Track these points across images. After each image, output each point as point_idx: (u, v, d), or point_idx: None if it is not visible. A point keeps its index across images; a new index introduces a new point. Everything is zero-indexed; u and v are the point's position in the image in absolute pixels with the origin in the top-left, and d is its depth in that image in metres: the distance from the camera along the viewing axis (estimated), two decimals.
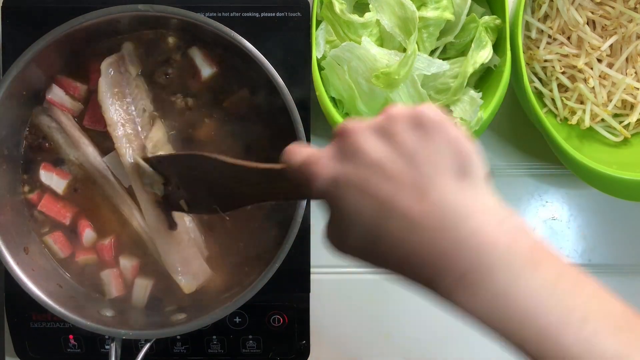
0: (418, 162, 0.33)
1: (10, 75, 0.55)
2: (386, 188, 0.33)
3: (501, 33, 0.57)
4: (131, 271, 0.59)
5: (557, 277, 0.32)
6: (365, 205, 0.34)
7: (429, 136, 0.34)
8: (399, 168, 0.33)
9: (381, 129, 0.34)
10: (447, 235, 0.32)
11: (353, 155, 0.34)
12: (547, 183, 0.66)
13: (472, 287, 0.32)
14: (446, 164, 0.33)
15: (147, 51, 0.59)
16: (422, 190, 0.33)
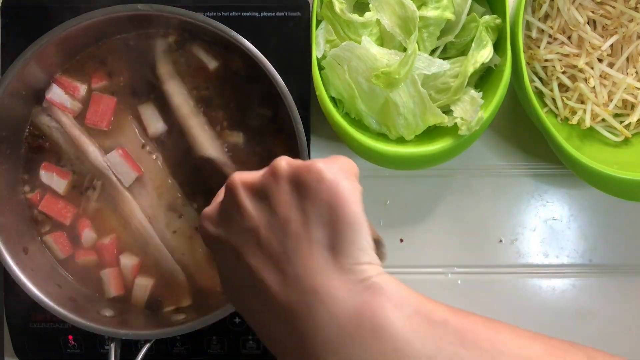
0: (288, 233, 0.31)
1: (9, 74, 0.55)
2: (254, 259, 0.32)
3: (501, 33, 0.57)
4: (131, 271, 0.59)
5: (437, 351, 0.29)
6: (237, 268, 0.33)
7: (306, 202, 0.32)
8: (269, 238, 0.32)
9: (263, 189, 0.33)
10: (302, 320, 0.30)
11: (233, 216, 0.34)
12: (547, 183, 0.66)
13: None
14: (317, 236, 0.31)
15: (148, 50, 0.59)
16: (283, 267, 0.31)
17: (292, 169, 0.33)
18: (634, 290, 0.66)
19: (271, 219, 0.32)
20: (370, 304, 0.30)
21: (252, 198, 0.33)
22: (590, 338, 0.65)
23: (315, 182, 0.32)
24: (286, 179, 0.33)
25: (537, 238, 0.66)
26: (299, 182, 0.32)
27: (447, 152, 0.55)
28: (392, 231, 0.65)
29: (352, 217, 0.32)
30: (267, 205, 0.33)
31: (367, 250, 0.32)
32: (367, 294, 0.31)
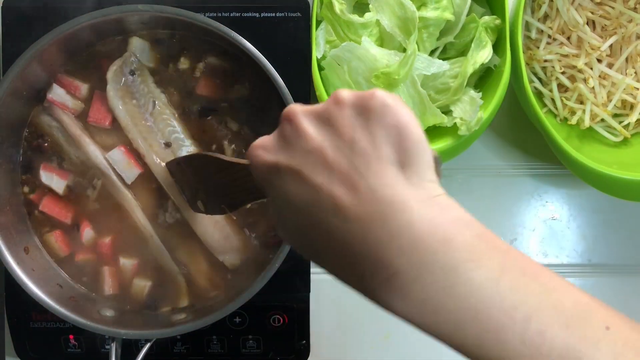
0: (356, 152, 0.32)
1: (10, 74, 0.55)
2: (321, 177, 0.32)
3: (501, 33, 0.57)
4: (131, 270, 0.59)
5: (501, 271, 0.31)
6: (299, 193, 0.33)
7: (372, 123, 0.32)
8: (337, 157, 0.32)
9: (325, 114, 0.33)
10: (377, 229, 0.31)
11: (293, 141, 0.34)
12: (547, 183, 0.66)
13: (402, 289, 0.31)
14: (386, 153, 0.32)
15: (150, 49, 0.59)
16: (355, 180, 0.32)
17: (355, 96, 0.34)
18: (634, 290, 0.66)
19: (337, 141, 0.32)
20: (442, 217, 0.32)
21: (315, 123, 0.34)
22: None
23: (380, 106, 0.33)
24: (350, 105, 0.33)
25: (537, 238, 0.66)
26: (363, 106, 0.33)
27: (446, 152, 0.55)
28: None
29: (417, 137, 0.33)
30: (331, 129, 0.33)
31: (431, 169, 0.34)
32: (437, 208, 0.32)
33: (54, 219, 0.59)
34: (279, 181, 0.34)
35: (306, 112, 0.34)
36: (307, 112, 0.34)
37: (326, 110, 0.34)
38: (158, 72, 0.60)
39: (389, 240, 0.31)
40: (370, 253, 0.31)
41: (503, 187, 0.65)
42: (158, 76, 0.60)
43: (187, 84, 0.59)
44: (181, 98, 0.60)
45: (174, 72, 0.60)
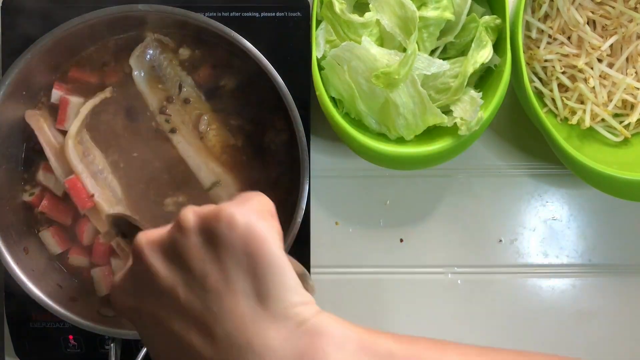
0: (207, 289, 0.29)
1: (10, 75, 0.55)
2: (177, 323, 0.29)
3: (501, 33, 0.57)
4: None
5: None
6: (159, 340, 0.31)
7: (220, 251, 0.29)
8: (189, 297, 0.29)
9: (172, 246, 0.31)
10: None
11: (145, 281, 0.31)
12: (547, 183, 0.66)
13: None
14: (240, 286, 0.29)
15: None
16: (210, 325, 0.28)
17: (199, 219, 0.31)
18: (634, 290, 0.66)
19: (187, 277, 0.30)
20: (311, 348, 0.29)
21: (163, 258, 0.31)
22: (589, 338, 0.65)
23: (226, 229, 0.30)
24: (195, 230, 0.30)
25: (537, 238, 0.66)
26: (209, 232, 0.30)
27: (447, 152, 0.55)
28: (392, 231, 0.65)
29: (272, 259, 0.30)
30: (179, 263, 0.30)
31: (296, 290, 0.31)
32: (306, 338, 0.29)
33: (55, 221, 0.59)
34: (141, 325, 0.32)
35: (153, 246, 0.31)
36: (154, 246, 0.31)
37: (172, 241, 0.31)
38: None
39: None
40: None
41: (503, 187, 0.65)
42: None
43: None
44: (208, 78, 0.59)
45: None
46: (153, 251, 0.31)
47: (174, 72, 0.59)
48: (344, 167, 0.65)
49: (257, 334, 0.28)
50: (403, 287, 0.65)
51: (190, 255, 0.30)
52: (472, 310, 0.65)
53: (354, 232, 0.65)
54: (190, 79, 0.59)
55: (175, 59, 0.59)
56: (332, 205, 0.65)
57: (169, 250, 0.31)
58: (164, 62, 0.59)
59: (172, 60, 0.59)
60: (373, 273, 0.65)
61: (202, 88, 0.59)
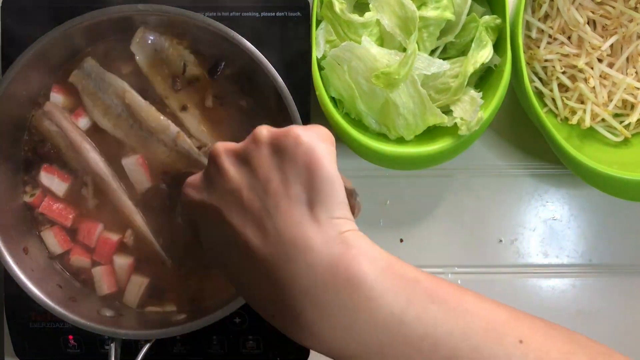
0: (268, 192, 0.33)
1: (10, 75, 0.55)
2: (236, 217, 0.34)
3: (501, 33, 0.57)
4: (126, 270, 0.59)
5: (407, 303, 0.31)
6: (220, 231, 0.34)
7: (285, 162, 0.34)
8: (251, 197, 0.33)
9: (244, 154, 0.35)
10: (281, 271, 0.32)
11: (216, 181, 0.35)
12: (547, 183, 0.66)
13: (308, 329, 0.32)
14: (295, 192, 0.33)
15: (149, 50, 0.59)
16: (264, 221, 0.33)
17: (271, 134, 0.35)
18: (634, 290, 0.66)
19: (253, 181, 0.34)
20: (345, 255, 0.32)
21: (235, 162, 0.35)
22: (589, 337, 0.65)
23: (293, 144, 0.34)
24: (266, 143, 0.35)
25: (537, 238, 0.66)
26: (278, 145, 0.34)
27: (447, 152, 0.55)
28: (392, 231, 0.65)
29: (327, 175, 0.34)
30: (248, 168, 0.35)
31: (341, 205, 0.34)
32: (342, 246, 0.32)
33: (55, 221, 0.59)
34: (204, 218, 0.36)
35: (228, 152, 0.36)
36: (229, 152, 0.36)
37: (245, 150, 0.36)
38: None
39: (292, 282, 0.32)
40: (277, 294, 0.32)
41: (503, 187, 0.65)
42: None
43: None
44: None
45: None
46: (227, 156, 0.36)
47: (176, 52, 0.59)
48: (344, 167, 0.64)
49: (302, 234, 0.32)
50: None
51: (258, 163, 0.34)
52: None
53: None
54: (193, 57, 0.59)
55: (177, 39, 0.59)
56: None
57: (241, 157, 0.35)
58: (165, 43, 0.59)
59: (173, 40, 0.59)
60: None
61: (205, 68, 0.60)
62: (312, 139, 0.35)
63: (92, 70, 0.59)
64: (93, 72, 0.59)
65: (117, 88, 0.58)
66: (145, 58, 0.59)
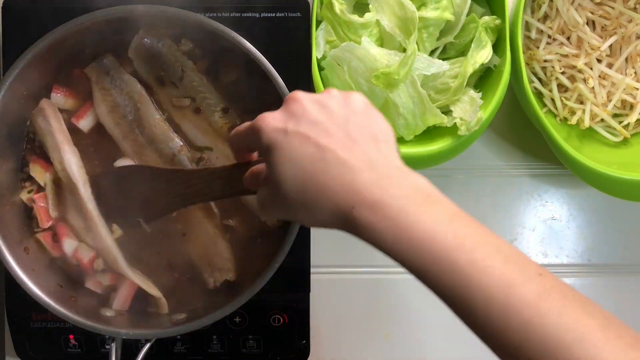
0: (348, 128, 0.41)
1: (10, 75, 0.55)
2: (324, 139, 0.41)
3: (501, 33, 0.57)
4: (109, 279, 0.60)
5: (452, 216, 0.38)
6: (305, 151, 0.40)
7: (355, 113, 0.42)
8: (335, 128, 0.41)
9: (322, 101, 0.42)
10: (367, 172, 0.39)
11: (299, 115, 0.42)
12: (547, 183, 0.66)
13: (380, 214, 0.38)
14: (367, 132, 0.41)
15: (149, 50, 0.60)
16: (350, 144, 0.40)
17: (340, 93, 0.43)
18: (633, 290, 0.66)
19: (332, 119, 0.41)
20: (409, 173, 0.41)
21: (315, 106, 0.42)
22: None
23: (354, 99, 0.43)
24: (339, 96, 0.43)
25: (537, 238, 0.66)
26: (348, 101, 0.43)
27: (446, 152, 0.55)
28: None
29: (385, 126, 0.43)
30: (327, 111, 0.42)
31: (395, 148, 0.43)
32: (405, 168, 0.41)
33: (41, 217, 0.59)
34: (286, 142, 0.41)
35: (308, 97, 0.43)
36: (308, 97, 0.43)
37: (322, 98, 0.43)
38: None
39: (375, 179, 0.39)
40: (361, 188, 0.39)
41: (503, 187, 0.65)
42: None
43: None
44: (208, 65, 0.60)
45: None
46: (308, 99, 0.43)
47: (174, 58, 0.59)
48: None
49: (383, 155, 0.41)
50: (403, 287, 0.65)
51: (335, 108, 0.42)
52: None
53: None
54: (191, 63, 0.59)
55: (175, 44, 0.59)
56: None
57: (320, 102, 0.42)
58: (162, 49, 0.59)
59: (170, 46, 0.59)
60: (373, 273, 0.65)
61: (203, 73, 0.60)
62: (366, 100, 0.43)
63: (111, 67, 0.59)
64: (112, 69, 0.59)
65: (133, 91, 0.59)
66: (143, 64, 0.59)
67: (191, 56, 0.59)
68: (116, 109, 0.59)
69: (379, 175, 0.40)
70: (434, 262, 0.37)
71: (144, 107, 0.59)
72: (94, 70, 0.59)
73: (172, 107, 0.59)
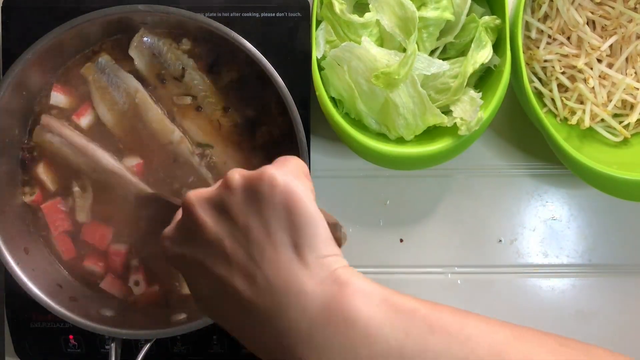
0: (251, 240, 0.33)
1: (10, 75, 0.55)
2: (222, 268, 0.33)
3: (501, 33, 0.57)
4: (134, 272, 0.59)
5: (406, 335, 0.31)
6: (204, 284, 0.34)
7: (263, 207, 0.33)
8: (234, 247, 0.33)
9: (219, 202, 0.34)
10: (277, 320, 0.32)
11: (194, 233, 0.35)
12: (547, 183, 0.66)
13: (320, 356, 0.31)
14: (279, 237, 0.33)
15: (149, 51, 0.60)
16: (252, 271, 0.32)
17: (244, 179, 0.34)
18: (634, 290, 0.66)
19: (232, 230, 0.33)
20: (339, 294, 0.32)
21: (211, 212, 0.34)
22: (589, 338, 0.65)
23: (268, 188, 0.33)
24: (240, 189, 0.34)
25: (537, 238, 0.66)
26: (253, 190, 0.34)
27: (446, 152, 0.55)
28: (392, 231, 0.65)
29: (308, 214, 0.33)
30: (226, 217, 0.34)
31: (327, 242, 0.34)
32: (335, 286, 0.32)
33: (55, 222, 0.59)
34: (187, 271, 0.35)
35: (202, 202, 0.35)
36: (203, 202, 0.35)
37: (220, 197, 0.34)
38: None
39: (289, 329, 0.31)
40: (276, 341, 0.32)
41: (503, 187, 0.65)
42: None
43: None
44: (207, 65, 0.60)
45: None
46: (202, 206, 0.35)
47: (174, 56, 0.59)
48: (344, 167, 0.65)
49: (293, 279, 0.32)
50: (403, 287, 0.65)
51: (236, 211, 0.33)
52: (472, 310, 0.64)
53: (354, 232, 0.65)
54: (192, 61, 0.59)
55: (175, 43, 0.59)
56: (332, 205, 0.65)
57: (216, 206, 0.34)
58: (163, 47, 0.59)
59: (171, 44, 0.59)
60: (373, 273, 0.65)
61: (204, 73, 0.60)
62: (287, 179, 0.34)
63: (106, 65, 0.59)
64: (107, 68, 0.59)
65: (129, 86, 0.59)
66: (144, 62, 0.59)
67: (191, 55, 0.60)
68: (115, 107, 0.59)
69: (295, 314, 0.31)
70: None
71: (141, 102, 0.58)
72: (90, 70, 0.59)
73: (173, 105, 0.59)
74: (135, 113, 0.59)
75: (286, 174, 0.34)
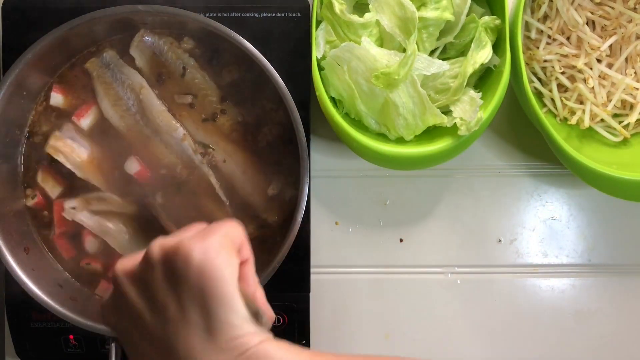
0: (167, 318, 0.32)
1: (10, 75, 0.55)
2: (143, 345, 0.33)
3: (501, 33, 0.57)
4: None
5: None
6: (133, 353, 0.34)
7: (179, 285, 0.32)
8: (153, 323, 0.33)
9: (141, 278, 0.34)
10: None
11: (121, 305, 0.35)
12: (547, 183, 0.66)
13: None
14: (192, 318, 0.32)
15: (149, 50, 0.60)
16: (167, 351, 0.32)
17: (163, 252, 0.34)
18: (633, 290, 0.66)
19: (152, 306, 0.33)
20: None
21: (134, 286, 0.34)
22: (589, 338, 0.65)
23: (183, 265, 0.32)
24: (159, 264, 0.33)
25: (537, 238, 0.66)
26: (169, 266, 0.33)
27: (446, 152, 0.55)
28: (392, 231, 0.65)
29: (221, 295, 0.32)
30: (147, 292, 0.34)
31: (242, 322, 0.33)
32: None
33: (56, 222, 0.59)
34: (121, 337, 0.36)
35: (127, 276, 0.35)
36: (127, 276, 0.35)
37: (141, 273, 0.34)
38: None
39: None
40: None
41: (503, 187, 0.65)
42: None
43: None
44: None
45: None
46: (126, 280, 0.35)
47: (175, 55, 0.59)
48: (344, 167, 0.65)
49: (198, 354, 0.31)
50: (403, 287, 0.65)
51: (155, 287, 0.33)
52: (472, 310, 0.65)
53: (354, 232, 0.65)
54: (192, 60, 0.59)
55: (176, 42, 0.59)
56: (332, 205, 0.65)
57: (139, 280, 0.34)
58: (164, 46, 0.59)
59: (172, 43, 0.59)
60: (373, 273, 0.65)
61: (205, 71, 0.60)
62: (204, 256, 0.33)
63: (111, 60, 0.59)
64: (112, 63, 0.59)
65: (134, 82, 0.59)
66: (145, 61, 0.59)
67: (192, 55, 0.60)
68: (119, 102, 0.59)
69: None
70: None
71: (146, 98, 0.59)
72: (95, 65, 0.59)
73: (174, 103, 0.59)
74: (139, 109, 0.59)
75: (205, 249, 0.33)
